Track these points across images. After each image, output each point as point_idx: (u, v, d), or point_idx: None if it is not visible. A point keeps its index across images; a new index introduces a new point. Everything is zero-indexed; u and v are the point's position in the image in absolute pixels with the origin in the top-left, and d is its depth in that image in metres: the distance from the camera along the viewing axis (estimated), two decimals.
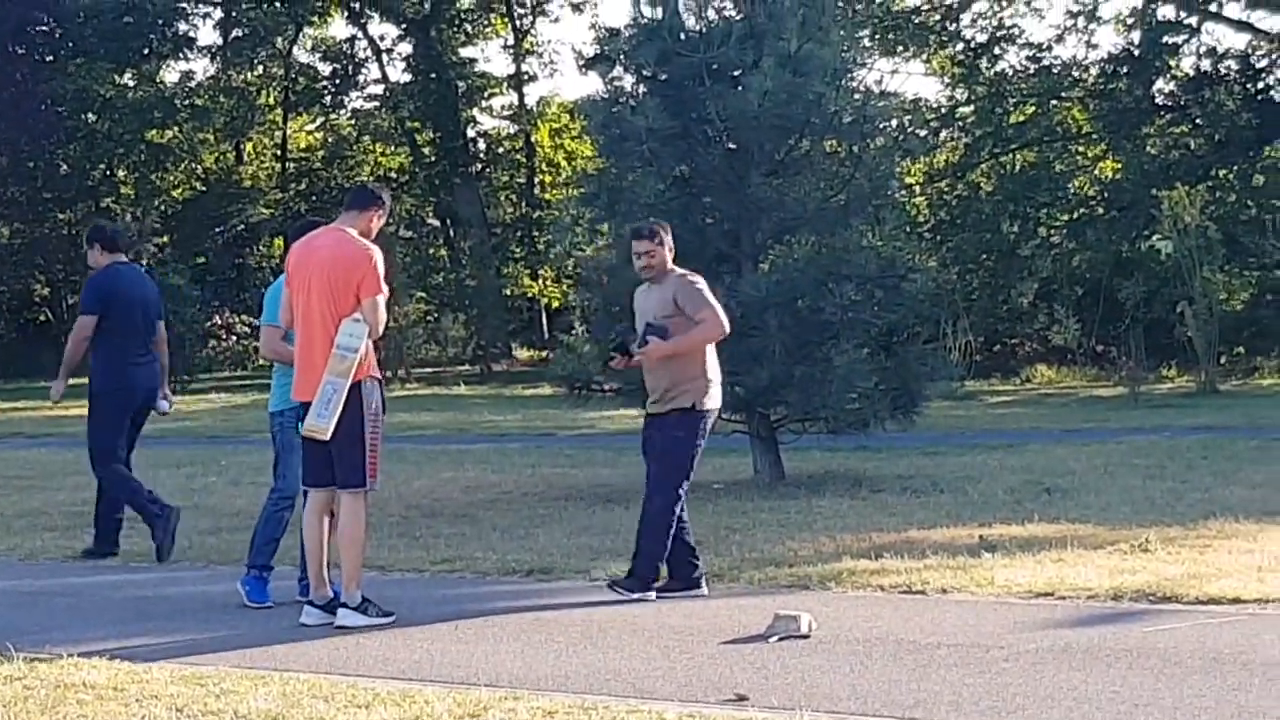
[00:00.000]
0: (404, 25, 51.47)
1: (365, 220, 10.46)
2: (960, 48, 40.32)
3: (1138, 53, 38.45)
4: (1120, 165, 39.60)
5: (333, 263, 10.16)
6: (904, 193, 33.77)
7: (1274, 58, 38.25)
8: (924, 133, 38.39)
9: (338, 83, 53.84)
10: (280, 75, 53.94)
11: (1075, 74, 39.91)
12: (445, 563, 12.40)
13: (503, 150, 53.96)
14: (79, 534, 14.05)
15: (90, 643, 9.50)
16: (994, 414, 26.68)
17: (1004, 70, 40.34)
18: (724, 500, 15.29)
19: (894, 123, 26.48)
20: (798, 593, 10.72)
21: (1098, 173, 40.80)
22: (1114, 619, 9.58)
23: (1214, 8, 37.84)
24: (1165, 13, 38.90)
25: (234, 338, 47.23)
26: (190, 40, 50.58)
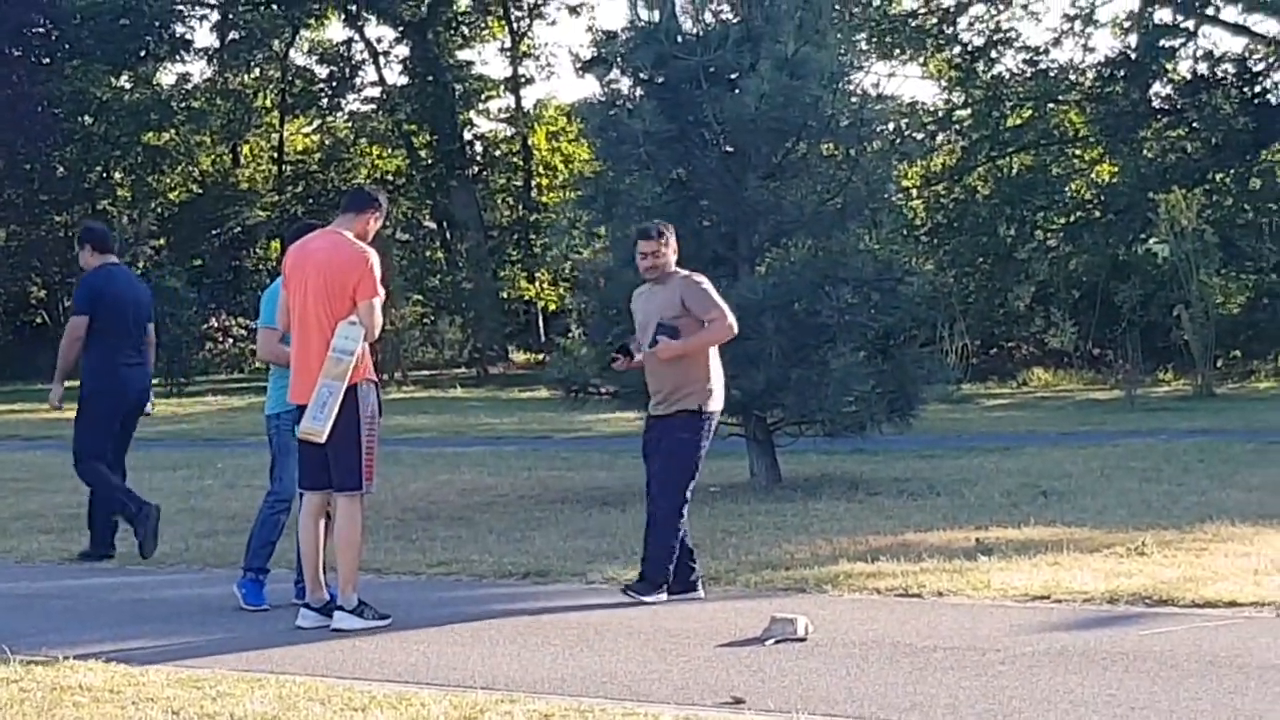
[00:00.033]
0: (401, 28, 51.42)
1: (362, 223, 10.45)
2: (957, 51, 40.29)
3: (1135, 56, 38.43)
4: (1117, 169, 39.58)
5: (329, 265, 10.16)
6: (901, 196, 33.77)
7: (1271, 61, 38.23)
8: (921, 136, 38.39)
9: (334, 85, 53.80)
10: (277, 78, 53.91)
11: (1072, 77, 39.88)
12: (441, 565, 12.41)
13: (500, 153, 53.92)
14: (75, 536, 14.05)
15: (86, 645, 9.50)
16: (990, 417, 26.67)
17: (1001, 73, 40.33)
18: (720, 503, 15.28)
19: (891, 126, 26.46)
20: (794, 595, 10.73)
21: (1094, 176, 40.76)
22: (1110, 622, 9.59)
23: (1211, 11, 37.83)
24: (1162, 16, 38.88)
25: (230, 340, 47.17)
26: (187, 43, 50.56)
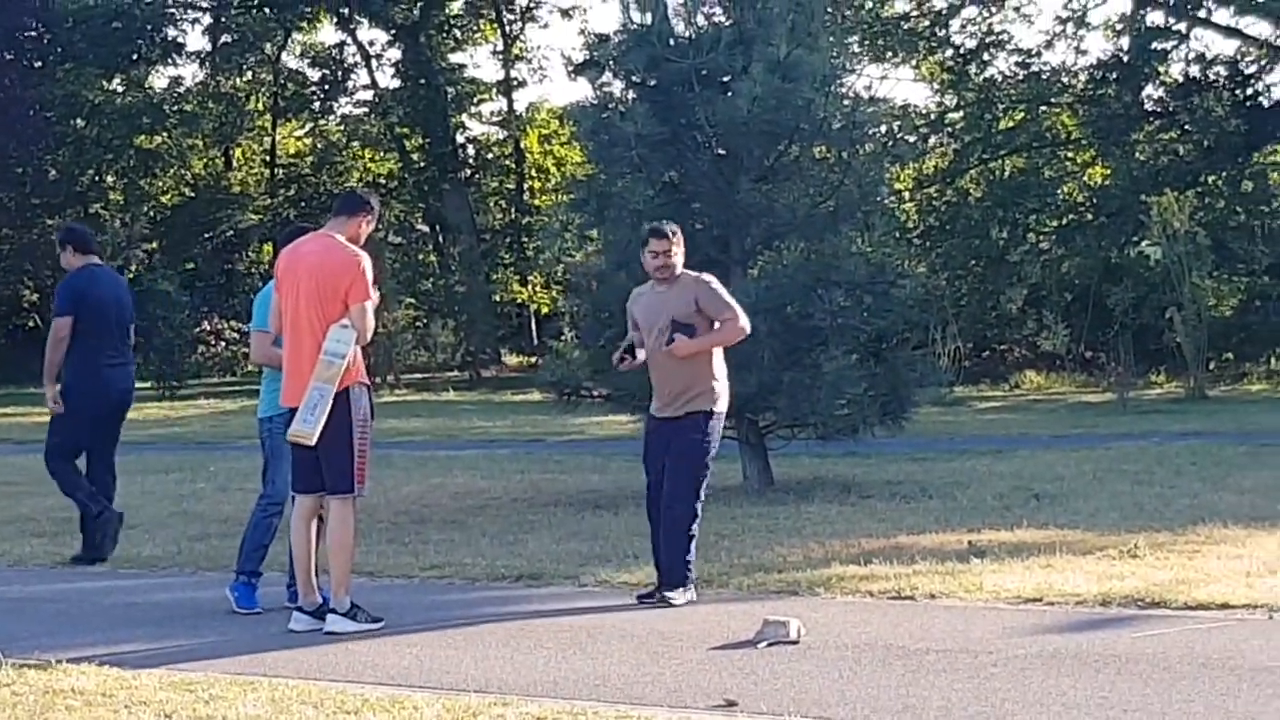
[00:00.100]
0: (393, 31, 51.42)
1: (354, 226, 10.45)
2: (949, 54, 40.31)
3: (1127, 59, 38.47)
4: (1109, 171, 39.61)
5: (321, 269, 10.15)
6: (893, 199, 33.68)
7: (1263, 64, 38.27)
8: (913, 138, 38.48)
9: (327, 88, 53.81)
10: (269, 81, 53.90)
11: (1064, 80, 39.90)
12: (434, 568, 12.40)
13: (492, 156, 53.92)
14: (68, 540, 14.02)
15: (79, 649, 9.49)
16: (983, 420, 26.68)
17: (993, 76, 40.36)
18: (713, 506, 15.18)
19: (883, 129, 26.57)
20: (786, 598, 10.73)
21: (1087, 179, 40.79)
22: (1102, 624, 9.59)
23: (1203, 14, 37.86)
24: (1154, 19, 38.93)
25: (223, 344, 47.10)
26: (179, 46, 50.56)
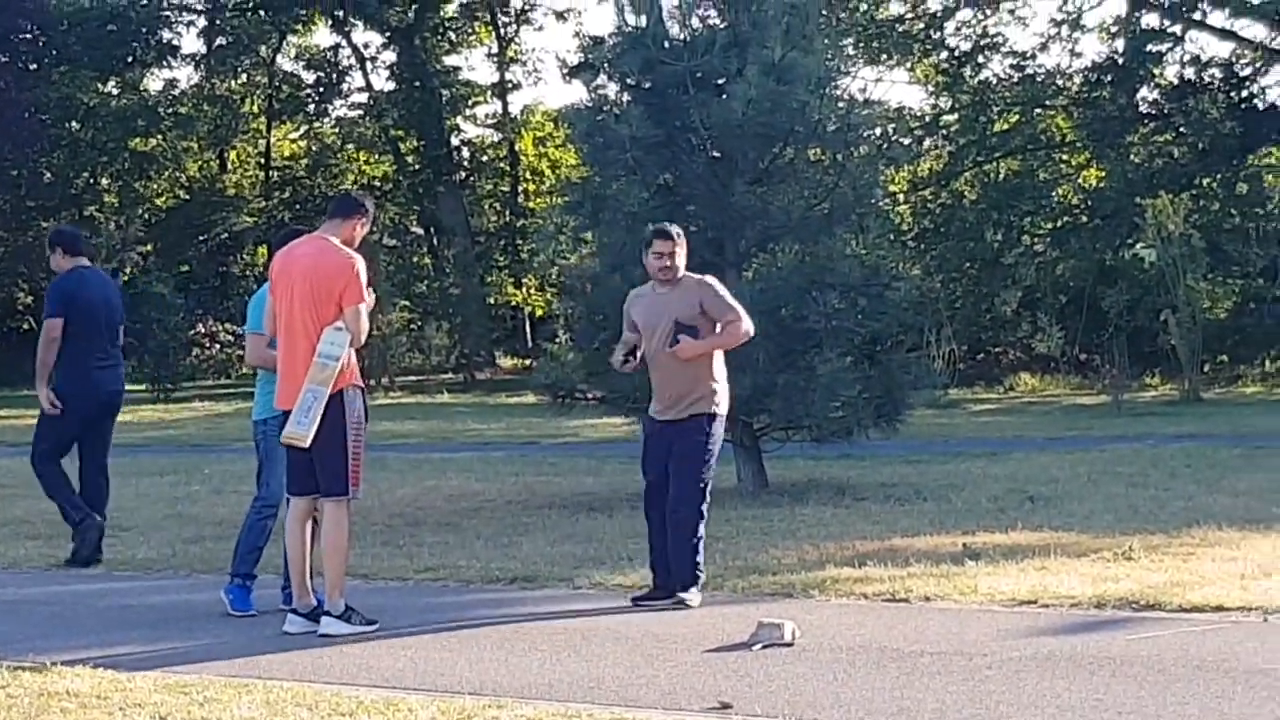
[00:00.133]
0: (388, 34, 51.38)
1: (348, 228, 10.45)
2: (944, 56, 40.32)
3: (1122, 61, 38.47)
4: (1104, 174, 39.61)
5: (315, 271, 10.16)
6: (888, 201, 33.73)
7: (1258, 66, 38.30)
8: (908, 141, 38.47)
9: (321, 91, 53.74)
10: (264, 83, 53.85)
11: (1059, 82, 39.90)
12: (429, 571, 12.40)
13: (487, 158, 53.91)
14: (62, 542, 13.99)
15: (73, 651, 9.48)
16: (977, 422, 26.70)
17: (988, 79, 40.34)
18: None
19: (878, 131, 26.54)
20: (781, 601, 10.73)
21: (1081, 181, 40.78)
22: (1097, 627, 9.59)
23: (1198, 16, 37.88)
24: (1149, 21, 38.96)
25: (217, 346, 47.06)
26: (174, 48, 50.43)
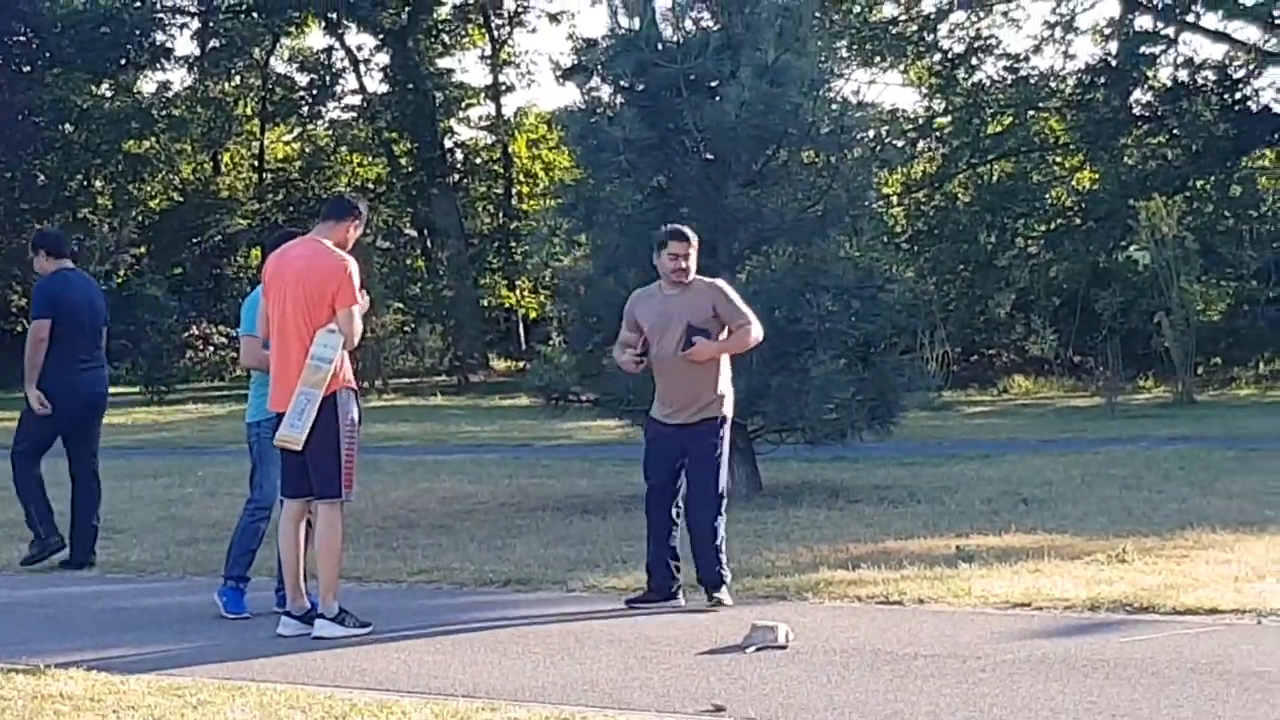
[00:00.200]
0: (381, 36, 51.34)
1: (341, 231, 10.44)
2: (937, 58, 40.30)
3: (1115, 63, 38.46)
4: (1098, 176, 39.63)
5: (308, 273, 10.15)
6: (881, 203, 33.78)
7: (1251, 68, 38.30)
8: (901, 143, 38.47)
9: (315, 93, 53.72)
10: (257, 86, 53.86)
11: (1053, 84, 39.92)
12: (422, 573, 12.39)
13: (480, 161, 53.88)
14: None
15: (67, 653, 9.47)
16: (971, 424, 26.71)
17: (981, 81, 40.34)
18: None
19: (871, 133, 26.54)
20: (775, 603, 10.73)
21: (1075, 183, 40.78)
22: (1091, 629, 9.60)
23: (1191, 18, 37.89)
24: (1143, 23, 38.96)
25: (211, 348, 47.07)
26: (167, 51, 50.42)
